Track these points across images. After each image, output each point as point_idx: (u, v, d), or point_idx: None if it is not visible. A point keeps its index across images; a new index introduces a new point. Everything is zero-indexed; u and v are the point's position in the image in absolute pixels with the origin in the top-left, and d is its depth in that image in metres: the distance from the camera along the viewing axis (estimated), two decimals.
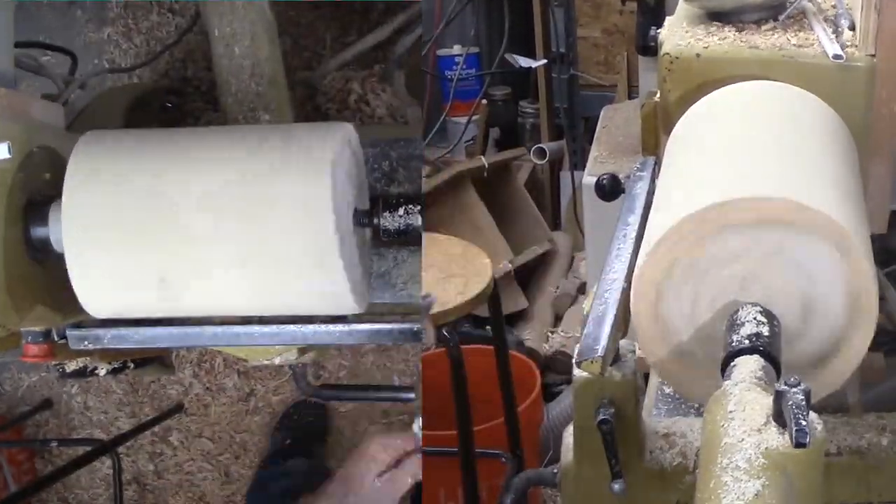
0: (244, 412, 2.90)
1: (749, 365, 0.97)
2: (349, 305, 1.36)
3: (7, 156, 1.27)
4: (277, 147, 1.33)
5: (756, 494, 0.83)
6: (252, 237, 1.30)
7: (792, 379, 0.87)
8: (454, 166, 3.43)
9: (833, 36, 1.29)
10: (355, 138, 1.43)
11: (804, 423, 0.84)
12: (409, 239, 1.43)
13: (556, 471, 1.28)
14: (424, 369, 2.65)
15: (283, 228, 1.29)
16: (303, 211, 1.29)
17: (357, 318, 1.45)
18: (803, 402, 0.85)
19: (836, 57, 1.24)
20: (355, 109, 2.50)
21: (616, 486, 1.17)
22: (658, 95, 1.39)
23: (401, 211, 1.39)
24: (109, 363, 2.45)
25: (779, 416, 0.88)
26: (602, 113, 3.24)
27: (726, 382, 0.96)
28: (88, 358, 2.11)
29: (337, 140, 1.34)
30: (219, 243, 1.31)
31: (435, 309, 1.85)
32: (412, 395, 1.90)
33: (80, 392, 2.92)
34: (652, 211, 1.22)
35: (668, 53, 1.32)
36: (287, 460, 2.69)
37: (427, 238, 2.04)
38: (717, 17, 1.38)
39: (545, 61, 3.74)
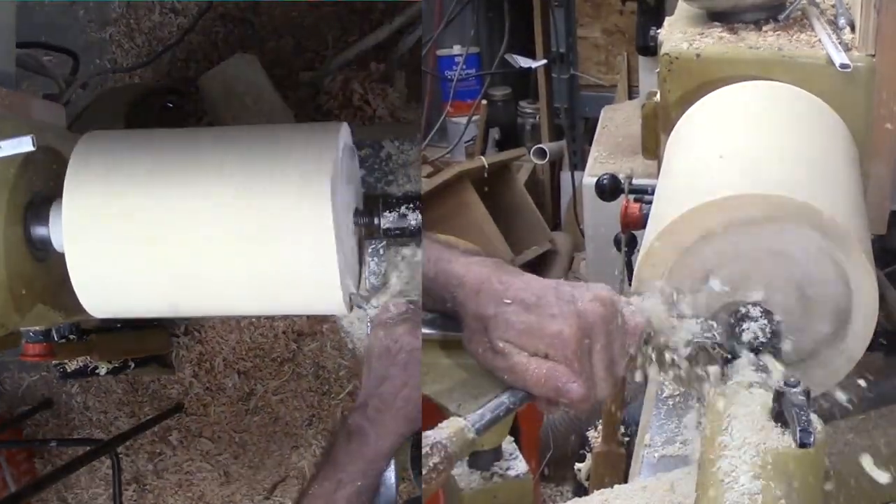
0: (244, 412, 2.90)
1: (750, 364, 0.97)
2: (343, 306, 1.37)
3: (32, 148, 1.26)
4: (278, 148, 1.33)
5: (757, 494, 0.83)
6: (252, 237, 1.30)
7: (792, 379, 0.87)
8: (454, 166, 3.42)
9: (836, 40, 1.28)
10: (350, 137, 1.43)
11: (807, 423, 0.84)
12: (409, 238, 1.42)
13: None
14: None
15: (282, 229, 1.29)
16: (302, 212, 1.29)
17: None
18: (804, 402, 0.85)
19: (843, 66, 1.22)
20: (357, 109, 2.51)
21: None
22: (658, 95, 1.39)
23: (402, 210, 1.39)
24: (109, 363, 2.45)
25: (779, 416, 0.88)
26: (602, 113, 3.24)
27: (727, 382, 0.96)
28: (88, 357, 2.10)
29: (337, 140, 1.34)
30: (218, 243, 1.31)
31: None
32: None
33: (80, 392, 2.92)
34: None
35: (667, 53, 1.32)
36: None
37: (427, 238, 2.03)
38: (717, 17, 1.38)
39: (545, 61, 3.73)
